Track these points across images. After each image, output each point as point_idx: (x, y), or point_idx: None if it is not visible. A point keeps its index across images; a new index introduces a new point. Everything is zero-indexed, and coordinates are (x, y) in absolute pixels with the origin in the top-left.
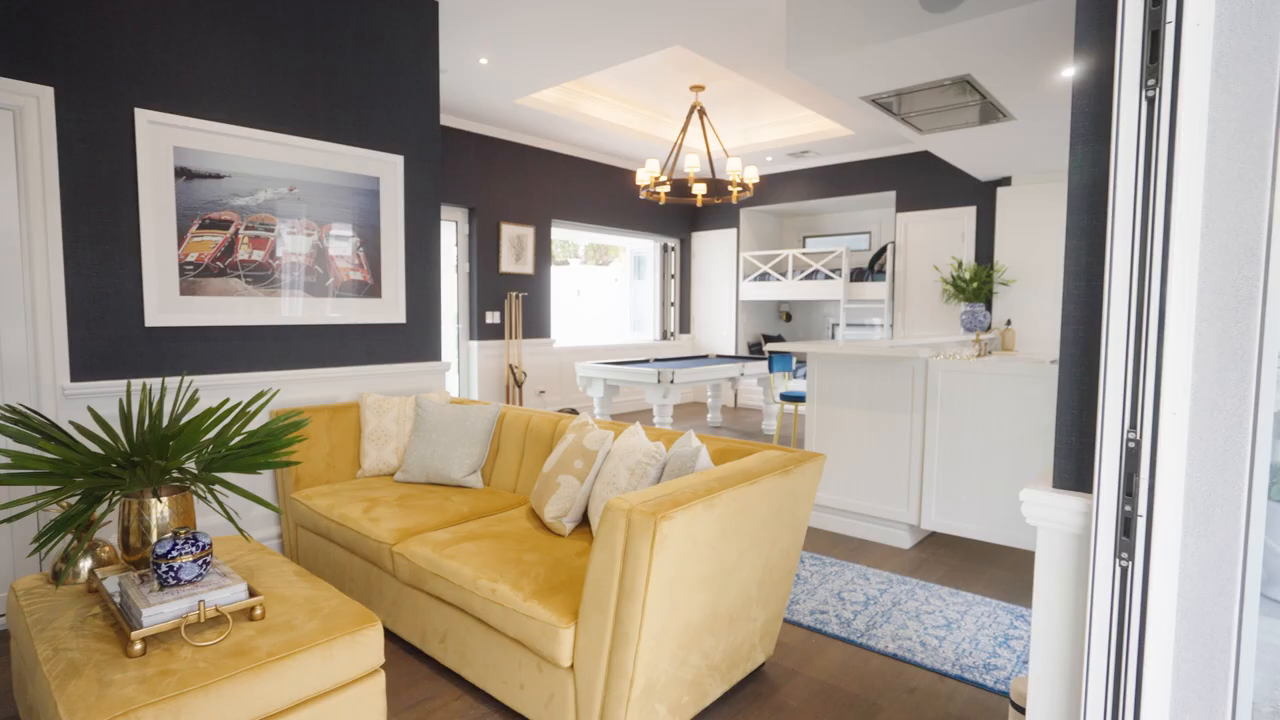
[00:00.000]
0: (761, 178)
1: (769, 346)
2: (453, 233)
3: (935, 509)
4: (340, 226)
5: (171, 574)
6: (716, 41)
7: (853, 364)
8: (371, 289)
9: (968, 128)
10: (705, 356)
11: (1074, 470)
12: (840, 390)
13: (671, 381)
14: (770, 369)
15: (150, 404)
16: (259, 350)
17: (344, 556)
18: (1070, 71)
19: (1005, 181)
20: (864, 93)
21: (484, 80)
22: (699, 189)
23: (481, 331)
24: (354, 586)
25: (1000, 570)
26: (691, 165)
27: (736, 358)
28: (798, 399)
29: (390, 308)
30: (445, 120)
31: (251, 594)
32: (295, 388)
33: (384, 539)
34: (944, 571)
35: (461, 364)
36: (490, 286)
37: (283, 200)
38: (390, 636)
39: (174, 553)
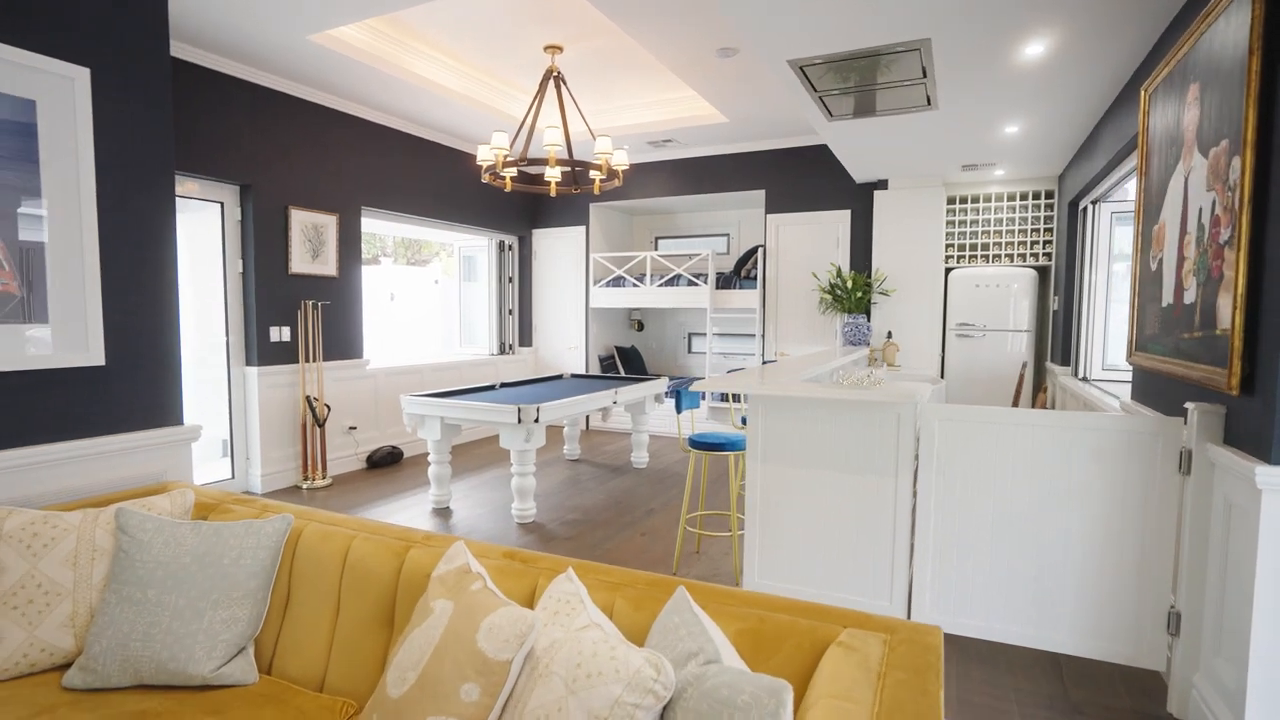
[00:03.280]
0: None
1: (696, 385)
2: (217, 219)
3: (930, 601)
4: None
5: None
6: None
7: (813, 409)
8: (25, 306)
9: (883, 115)
10: (558, 377)
11: None
12: (794, 443)
13: (536, 420)
14: (677, 408)
15: None
16: None
17: None
18: (1036, 48)
19: (882, 184)
20: (798, 54)
21: None
22: (554, 174)
23: (264, 354)
24: None
25: (1044, 683)
26: (552, 142)
27: (598, 378)
28: (714, 447)
29: (68, 339)
30: (203, 59)
31: None
32: None
33: None
34: (977, 692)
35: (236, 399)
36: (277, 293)
37: None
38: None
39: None
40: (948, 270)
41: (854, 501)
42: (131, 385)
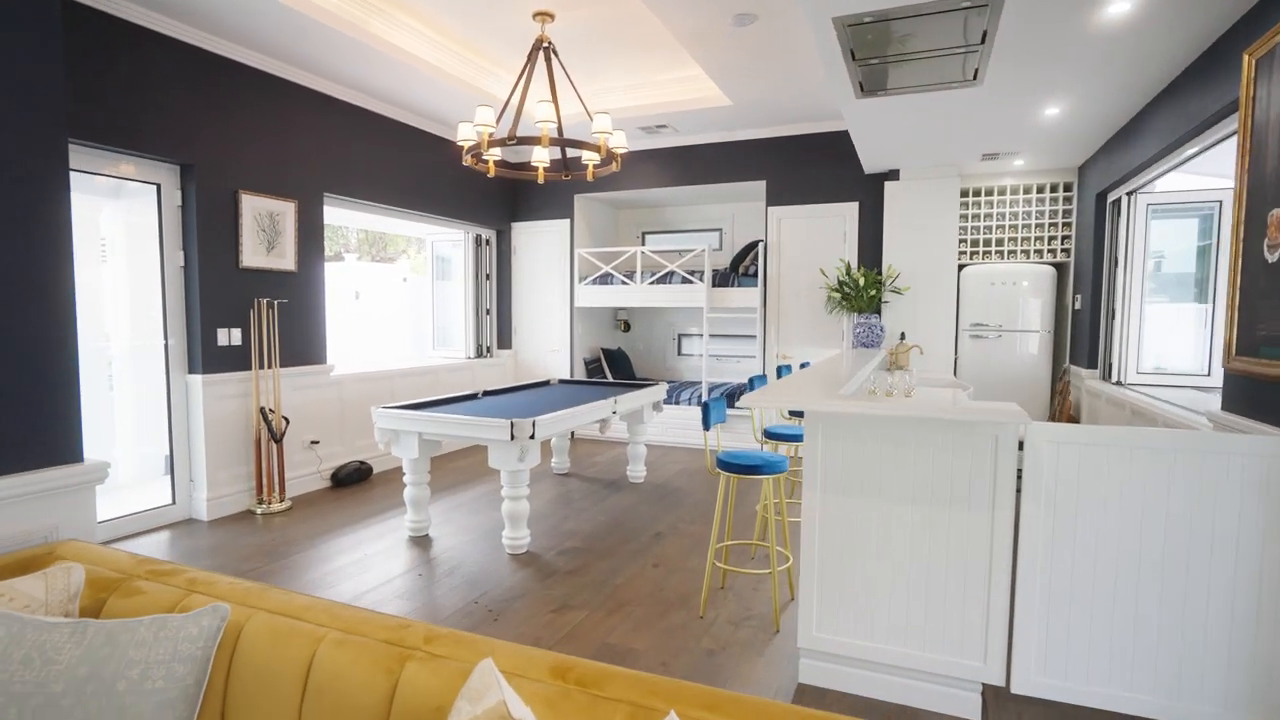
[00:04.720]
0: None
1: (746, 400)
2: (152, 203)
3: (1035, 663)
4: None
5: None
6: None
7: (886, 429)
8: None
9: (920, 91)
10: (545, 383)
11: None
12: (863, 470)
13: (531, 436)
14: (705, 423)
15: None
16: None
17: None
18: (1122, 4)
19: (893, 175)
20: (849, 9)
21: None
22: (543, 157)
23: (210, 360)
24: None
25: None
26: (544, 118)
27: (589, 384)
28: (748, 469)
29: None
30: (136, 14)
31: None
32: None
33: None
34: None
35: (177, 412)
36: (225, 290)
37: None
38: None
39: None
40: (960, 267)
41: (939, 541)
42: (4, 414)
